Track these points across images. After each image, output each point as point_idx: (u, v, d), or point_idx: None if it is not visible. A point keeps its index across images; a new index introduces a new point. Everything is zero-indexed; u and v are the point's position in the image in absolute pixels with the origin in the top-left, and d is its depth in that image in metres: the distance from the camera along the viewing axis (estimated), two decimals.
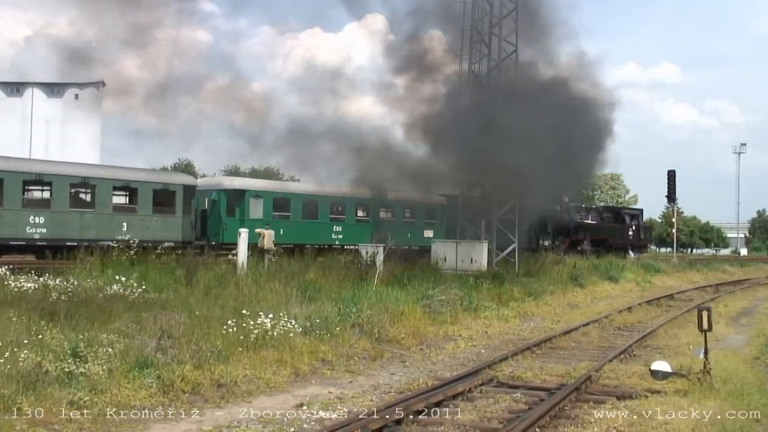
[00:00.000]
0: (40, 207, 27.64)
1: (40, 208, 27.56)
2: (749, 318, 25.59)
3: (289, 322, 14.85)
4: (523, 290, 27.24)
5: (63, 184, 27.85)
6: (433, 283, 22.70)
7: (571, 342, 18.80)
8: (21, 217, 26.54)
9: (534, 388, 12.88)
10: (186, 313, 14.27)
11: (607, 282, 36.31)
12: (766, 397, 12.07)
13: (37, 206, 27.67)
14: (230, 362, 12.70)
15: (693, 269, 50.25)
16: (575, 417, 10.87)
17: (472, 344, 18.17)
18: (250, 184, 35.54)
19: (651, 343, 18.67)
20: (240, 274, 20.38)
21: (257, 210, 33.09)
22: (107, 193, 29.02)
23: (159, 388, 11.16)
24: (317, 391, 12.64)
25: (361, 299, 18.15)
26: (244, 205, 32.74)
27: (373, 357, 15.59)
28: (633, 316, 24.90)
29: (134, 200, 30.12)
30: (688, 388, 12.24)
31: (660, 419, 10.35)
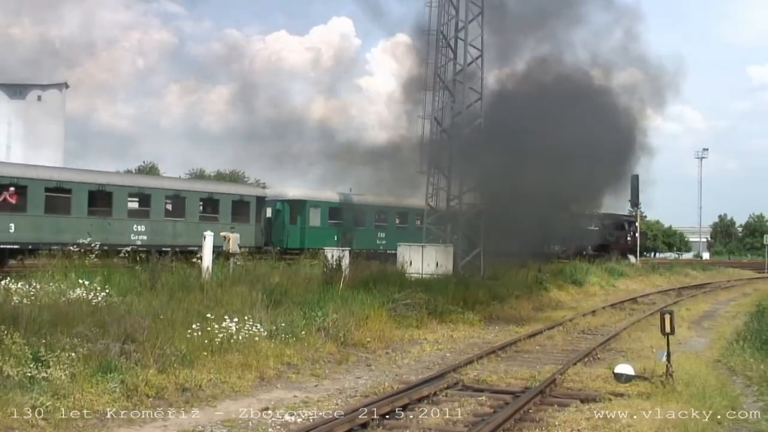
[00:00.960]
0: (141, 216, 30.97)
1: (141, 217, 30.90)
2: (711, 321, 25.95)
3: (255, 326, 14.79)
4: (489, 294, 27.35)
5: (160, 197, 31.62)
6: (398, 287, 22.72)
7: (536, 345, 18.93)
8: (126, 226, 30.04)
9: (499, 391, 12.94)
10: (150, 316, 14.13)
11: (572, 286, 36.59)
12: (728, 399, 12.25)
13: (138, 216, 30.94)
14: (195, 366, 12.61)
15: (656, 273, 50.81)
16: (540, 420, 10.94)
17: (437, 348, 18.21)
18: (310, 194, 37.88)
19: (615, 346, 18.84)
20: (205, 277, 20.23)
21: (316, 218, 36.30)
22: (195, 205, 32.87)
23: (122, 392, 11.05)
24: (282, 395, 12.59)
25: (327, 303, 18.11)
26: (304, 214, 35.84)
27: (339, 361, 15.57)
28: (597, 320, 25.12)
29: (217, 210, 33.62)
30: (651, 390, 12.37)
31: (623, 422, 10.45)
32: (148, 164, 60.10)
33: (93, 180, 29.79)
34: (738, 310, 28.68)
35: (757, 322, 19.91)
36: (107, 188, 29.94)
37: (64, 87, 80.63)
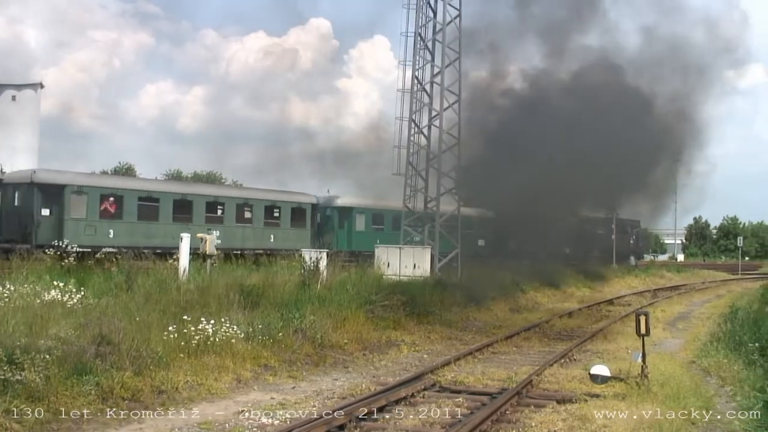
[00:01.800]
0: (217, 222, 33.95)
1: (217, 223, 33.67)
2: (685, 322, 26.18)
3: (231, 328, 14.72)
4: (466, 296, 27.42)
5: (232, 205, 35.03)
6: (376, 289, 22.71)
7: (513, 347, 19.01)
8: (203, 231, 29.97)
9: (476, 392, 12.99)
10: (126, 318, 14.03)
11: (549, 287, 36.75)
12: (702, 399, 12.36)
13: (214, 222, 33.88)
14: (171, 368, 12.54)
15: (632, 275, 51.16)
16: (516, 421, 10.99)
17: (415, 349, 18.24)
18: (357, 202, 41.06)
19: (591, 347, 18.97)
20: (181, 279, 20.11)
21: (361, 223, 39.82)
22: (261, 212, 36.16)
23: (98, 394, 10.96)
24: (259, 397, 12.56)
25: (304, 304, 18.08)
26: (351, 219, 39.30)
27: (316, 362, 15.55)
28: (573, 321, 25.28)
29: (279, 217, 37.13)
30: (626, 391, 12.46)
31: (599, 422, 10.52)
32: (124, 165, 59.72)
33: (177, 190, 34.00)
34: (712, 312, 28.95)
35: (731, 323, 20.08)
36: (188, 197, 33.54)
37: (39, 87, 79.78)
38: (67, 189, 29.27)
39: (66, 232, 28.75)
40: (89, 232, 29.39)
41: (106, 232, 29.49)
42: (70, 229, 28.89)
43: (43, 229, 28.58)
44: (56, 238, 28.18)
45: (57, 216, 28.94)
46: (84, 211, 29.75)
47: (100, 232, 29.37)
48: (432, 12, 33.41)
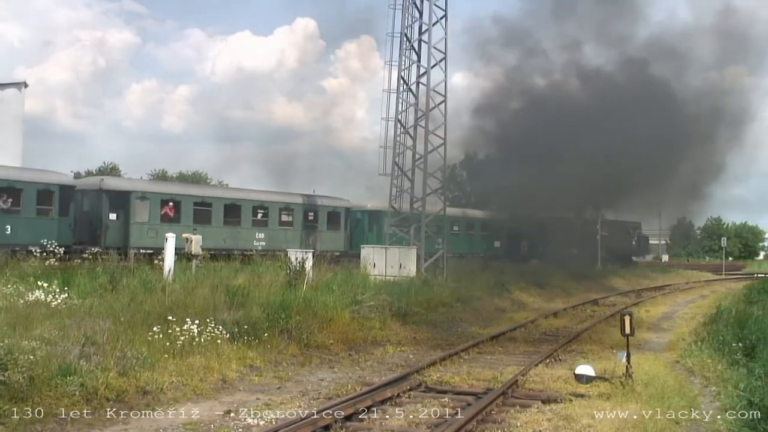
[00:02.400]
0: (262, 226, 36.63)
1: (262, 226, 36.58)
2: (670, 323, 26.31)
3: (217, 328, 14.69)
4: (452, 296, 27.46)
5: (275, 209, 37.52)
6: (362, 289, 22.71)
7: (498, 347, 19.04)
8: (251, 234, 35.90)
9: (461, 392, 13.00)
10: (111, 319, 13.98)
11: (534, 288, 36.85)
12: (686, 399, 12.43)
13: (259, 225, 36.65)
14: (156, 369, 12.49)
15: (617, 275, 51.35)
16: (502, 421, 11.02)
17: (400, 349, 18.24)
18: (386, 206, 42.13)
19: (576, 347, 19.03)
20: (167, 279, 20.04)
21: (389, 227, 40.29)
22: (301, 216, 38.77)
23: (82, 395, 10.90)
24: (245, 397, 12.53)
25: (290, 305, 18.05)
26: (380, 222, 41.15)
27: (302, 363, 15.54)
28: (558, 321, 25.35)
29: (316, 220, 39.34)
30: (611, 391, 12.52)
31: (584, 422, 10.56)
32: (108, 165, 59.30)
33: (227, 195, 36.28)
34: (696, 312, 29.10)
35: (715, 323, 20.21)
36: (237, 202, 35.72)
37: (23, 86, 79.25)
38: (132, 195, 31.45)
39: (131, 235, 30.89)
40: (151, 234, 31.29)
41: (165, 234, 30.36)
42: (134, 232, 31.07)
43: (111, 232, 30.55)
44: (122, 240, 30.47)
45: (123, 220, 31.04)
46: (147, 215, 31.93)
47: (161, 234, 29.62)
48: (418, 12, 33.48)
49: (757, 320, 18.14)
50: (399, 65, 33.46)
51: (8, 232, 26.60)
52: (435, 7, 33.11)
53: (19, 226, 26.93)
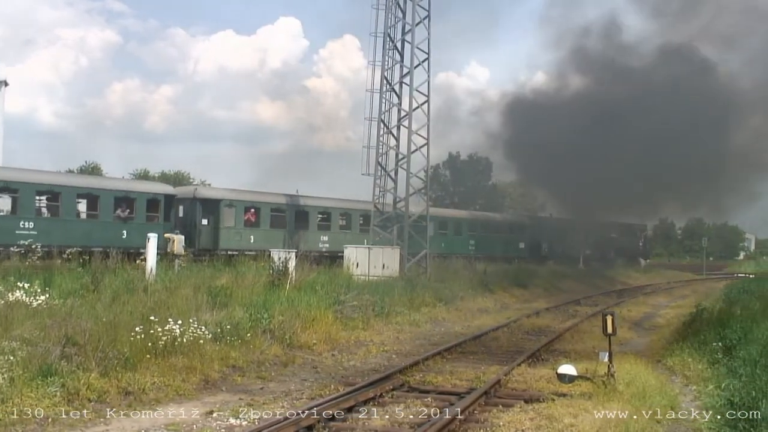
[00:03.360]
0: (325, 229, 40.40)
1: (325, 230, 40.35)
2: (651, 322, 26.48)
3: (199, 329, 14.62)
4: (435, 296, 27.51)
5: (336, 214, 41.32)
6: (345, 289, 22.71)
7: (481, 347, 19.08)
8: (317, 237, 39.55)
9: (444, 392, 13.02)
10: (92, 319, 13.89)
11: (517, 287, 36.98)
12: (667, 398, 12.51)
13: (323, 229, 40.39)
14: (138, 369, 12.43)
15: (599, 275, 51.58)
16: (484, 421, 11.04)
17: (383, 349, 18.24)
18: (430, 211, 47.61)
19: (558, 347, 19.11)
20: (149, 279, 19.97)
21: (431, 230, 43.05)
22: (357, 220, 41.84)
23: (63, 396, 10.84)
24: (227, 398, 12.49)
25: (273, 305, 18.02)
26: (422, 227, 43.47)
27: (285, 363, 15.50)
28: (541, 321, 25.44)
29: (350, 223, 42.27)
30: (593, 390, 12.57)
31: (566, 422, 10.60)
32: (90, 164, 58.92)
33: (298, 203, 39.07)
34: (677, 312, 29.27)
35: (696, 323, 20.35)
36: (305, 208, 39.12)
37: (4, 85, 78.66)
38: (221, 203, 34.71)
39: (221, 239, 34.08)
40: (236, 238, 34.80)
41: (248, 238, 35.08)
42: (223, 235, 34.25)
43: (203, 235, 33.81)
44: (213, 243, 33.63)
45: (213, 225, 34.27)
46: (233, 220, 35.20)
47: (244, 238, 35.01)
48: (401, 12, 33.50)
49: (737, 319, 18.28)
50: (382, 65, 33.50)
51: (124, 237, 29.99)
52: (418, 8, 33.16)
53: (133, 231, 30.15)
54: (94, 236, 28.99)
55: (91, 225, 29.83)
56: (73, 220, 29.25)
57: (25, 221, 27.20)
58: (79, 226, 29.35)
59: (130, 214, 30.73)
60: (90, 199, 30.29)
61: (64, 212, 28.92)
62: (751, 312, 19.24)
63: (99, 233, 29.34)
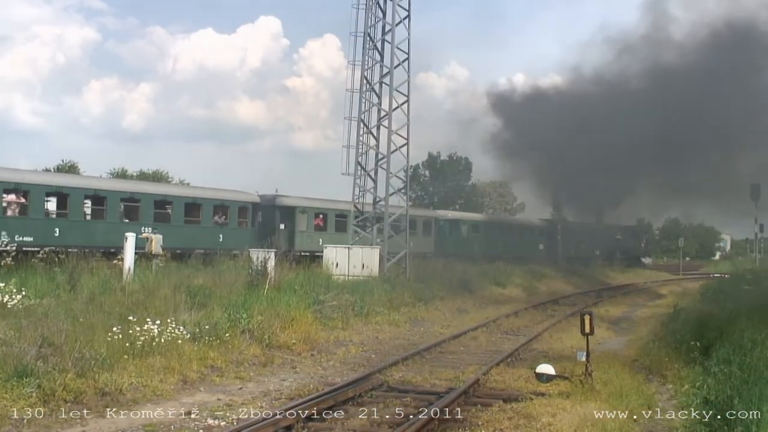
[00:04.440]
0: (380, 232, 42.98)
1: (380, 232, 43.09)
2: (628, 322, 26.65)
3: (177, 329, 14.57)
4: (414, 295, 27.52)
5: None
6: (324, 289, 22.68)
7: (460, 346, 19.13)
8: None
9: (423, 392, 13.04)
10: (69, 319, 13.79)
11: (496, 287, 37.08)
12: (644, 397, 12.61)
13: None
14: (115, 370, 12.35)
15: (576, 275, 51.85)
16: (463, 420, 11.06)
17: (363, 349, 18.25)
18: (462, 216, 54.41)
19: (536, 346, 19.19)
20: (126, 279, 19.84)
21: (465, 232, 51.51)
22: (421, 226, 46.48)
23: (39, 397, 10.76)
24: (206, 398, 12.44)
25: (252, 305, 17.96)
26: (458, 230, 50.67)
27: (264, 363, 15.46)
28: (520, 321, 25.53)
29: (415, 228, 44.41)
30: (571, 390, 12.63)
31: (544, 421, 10.64)
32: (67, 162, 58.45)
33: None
34: (654, 311, 29.48)
35: (673, 322, 20.50)
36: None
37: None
38: (296, 209, 38.52)
39: (296, 241, 37.59)
40: (308, 240, 38.46)
41: (318, 241, 38.01)
42: (298, 238, 37.94)
43: (281, 238, 36.05)
44: (289, 245, 36.18)
45: (290, 229, 38.00)
46: (305, 225, 38.94)
47: (315, 240, 38.48)
48: (381, 12, 33.48)
49: (714, 319, 18.43)
50: (362, 65, 33.46)
51: (221, 240, 33.71)
52: (398, 8, 33.16)
53: (228, 235, 34.39)
54: (198, 239, 32.90)
55: (195, 230, 33.58)
56: (181, 226, 32.88)
57: (145, 227, 30.52)
58: (185, 230, 32.93)
59: (225, 221, 34.83)
60: (194, 207, 33.90)
61: (174, 219, 32.75)
62: (728, 312, 19.40)
63: (202, 237, 33.32)
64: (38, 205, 28.11)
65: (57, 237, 27.69)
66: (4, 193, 26.95)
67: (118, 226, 29.27)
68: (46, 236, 27.33)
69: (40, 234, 27.23)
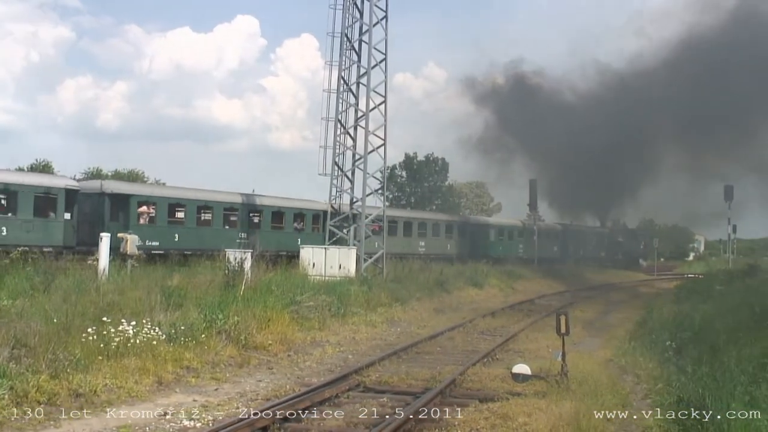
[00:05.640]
0: (422, 237, 48.91)
1: (422, 237, 48.88)
2: (604, 322, 26.79)
3: (153, 330, 14.47)
4: (391, 296, 27.53)
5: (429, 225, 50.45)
6: (301, 289, 22.63)
7: (437, 347, 19.16)
8: (416, 242, 47.89)
9: (400, 392, 13.05)
10: (43, 320, 13.65)
11: (473, 287, 37.17)
12: (618, 396, 12.69)
13: (421, 236, 48.72)
14: (90, 371, 12.26)
15: (552, 276, 52.12)
16: (440, 420, 11.08)
17: (339, 350, 18.23)
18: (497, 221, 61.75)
19: (513, 346, 19.26)
20: (101, 280, 19.69)
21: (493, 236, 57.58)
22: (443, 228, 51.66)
23: (12, 399, 10.64)
24: (181, 399, 12.37)
25: (228, 305, 17.88)
26: (489, 234, 56.85)
27: (240, 364, 15.40)
28: (496, 321, 25.61)
29: (450, 231, 52.30)
30: (546, 389, 12.69)
31: (520, 420, 10.69)
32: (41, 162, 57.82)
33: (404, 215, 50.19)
34: (629, 312, 29.70)
35: (647, 322, 20.68)
36: (410, 220, 48.89)
37: None
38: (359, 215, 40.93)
39: None
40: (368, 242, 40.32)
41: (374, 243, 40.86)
42: None
43: None
44: None
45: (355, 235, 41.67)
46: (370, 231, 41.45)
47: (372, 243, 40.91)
48: (359, 13, 33.48)
49: (688, 318, 18.62)
50: (339, 65, 33.45)
51: (299, 243, 35.60)
52: (376, 8, 33.18)
53: (304, 239, 37.21)
54: (282, 243, 36.58)
55: (280, 235, 37.63)
56: (269, 231, 36.95)
57: (242, 233, 35.52)
58: (272, 235, 36.69)
59: (302, 227, 39.11)
60: (279, 216, 38.17)
61: (264, 225, 37.08)
62: (702, 313, 19.59)
63: (285, 241, 37.16)
64: (163, 215, 32.91)
65: (176, 241, 32.77)
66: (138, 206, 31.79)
67: (222, 232, 34.64)
68: (168, 241, 32.40)
69: (164, 239, 32.24)
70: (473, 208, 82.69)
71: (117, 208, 30.94)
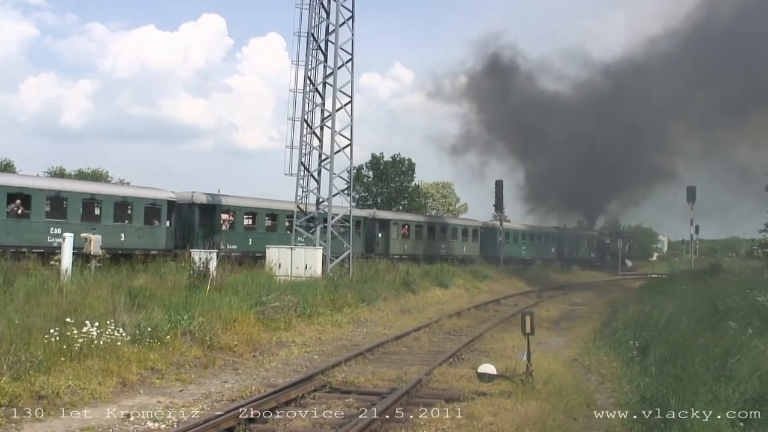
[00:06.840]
0: (443, 240, 54.93)
1: (443, 240, 54.92)
2: (569, 322, 27.03)
3: (117, 331, 14.33)
4: (357, 296, 27.51)
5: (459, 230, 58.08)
6: (267, 289, 22.53)
7: (403, 347, 19.19)
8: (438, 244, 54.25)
9: (366, 393, 13.06)
10: (3, 321, 13.45)
11: (438, 288, 37.27)
12: (583, 396, 12.81)
13: (443, 239, 55.00)
14: (52, 373, 12.11)
15: (517, 276, 52.46)
16: (406, 420, 11.12)
17: (305, 350, 18.19)
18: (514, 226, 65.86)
19: (479, 346, 19.35)
20: (64, 280, 19.44)
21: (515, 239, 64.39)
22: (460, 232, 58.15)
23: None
24: (146, 400, 12.27)
25: (194, 306, 17.76)
26: (495, 235, 60.01)
27: (205, 365, 15.31)
28: (462, 321, 25.72)
29: (457, 236, 57.48)
30: (512, 389, 12.78)
31: (486, 420, 10.75)
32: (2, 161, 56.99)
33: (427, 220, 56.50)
34: (593, 311, 29.97)
35: (611, 322, 20.88)
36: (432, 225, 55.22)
37: None
38: (390, 222, 49.75)
39: (390, 247, 48.56)
40: (398, 246, 49.63)
41: (403, 247, 50.23)
42: (391, 244, 48.84)
43: (379, 244, 47.80)
44: (385, 249, 47.38)
45: (385, 237, 48.97)
46: (396, 234, 50.09)
47: (401, 246, 49.84)
48: (325, 12, 33.40)
49: (651, 318, 18.83)
50: (306, 65, 33.33)
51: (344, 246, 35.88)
52: (342, 8, 33.12)
53: None
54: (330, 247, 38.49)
55: None
56: None
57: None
58: None
59: None
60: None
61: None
62: (666, 312, 19.82)
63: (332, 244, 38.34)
64: (240, 222, 38.13)
65: (250, 245, 37.64)
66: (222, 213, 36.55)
67: (286, 237, 36.71)
68: (243, 244, 37.41)
69: (240, 243, 37.19)
70: (439, 208, 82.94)
71: (204, 216, 36.20)
